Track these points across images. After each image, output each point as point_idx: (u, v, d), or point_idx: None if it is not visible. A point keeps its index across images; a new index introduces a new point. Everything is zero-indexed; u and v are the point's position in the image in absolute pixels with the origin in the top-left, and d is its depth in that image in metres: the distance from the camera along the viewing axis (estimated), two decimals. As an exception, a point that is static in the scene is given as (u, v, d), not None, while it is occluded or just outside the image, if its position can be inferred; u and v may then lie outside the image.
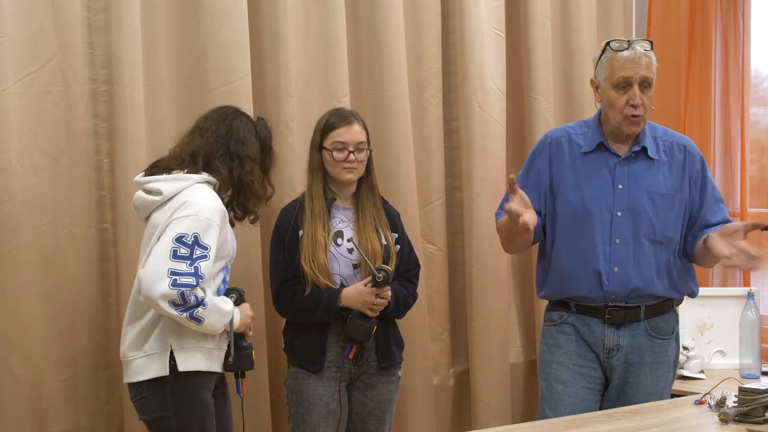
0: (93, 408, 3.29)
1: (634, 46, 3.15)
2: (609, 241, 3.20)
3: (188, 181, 2.90)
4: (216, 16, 3.41)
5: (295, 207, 3.30)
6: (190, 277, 2.74)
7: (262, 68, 3.60)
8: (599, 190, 3.22)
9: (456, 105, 4.14)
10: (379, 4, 3.82)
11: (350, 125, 3.28)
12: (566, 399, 3.26)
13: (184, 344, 2.87)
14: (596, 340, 3.25)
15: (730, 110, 4.54)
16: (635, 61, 3.13)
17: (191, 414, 2.87)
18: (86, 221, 3.26)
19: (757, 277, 4.46)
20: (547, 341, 3.36)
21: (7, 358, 3.09)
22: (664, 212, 3.22)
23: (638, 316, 3.23)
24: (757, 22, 4.50)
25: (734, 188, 4.52)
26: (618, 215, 3.20)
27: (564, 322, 3.30)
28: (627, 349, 3.23)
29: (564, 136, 3.32)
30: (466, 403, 4.20)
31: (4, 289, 3.08)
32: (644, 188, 3.21)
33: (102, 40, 3.26)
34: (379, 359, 3.30)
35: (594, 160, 3.25)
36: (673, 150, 3.27)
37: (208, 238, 2.80)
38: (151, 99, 3.35)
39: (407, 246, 3.43)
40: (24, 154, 3.12)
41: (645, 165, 3.23)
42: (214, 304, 2.82)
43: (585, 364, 3.27)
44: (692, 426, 2.77)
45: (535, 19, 4.27)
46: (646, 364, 3.24)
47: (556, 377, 3.29)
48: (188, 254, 2.75)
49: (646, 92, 3.16)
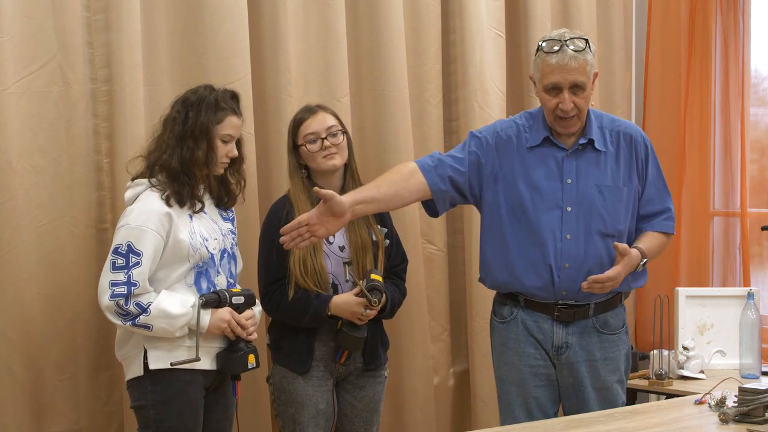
0: (93, 408, 3.29)
1: (564, 48, 3.05)
2: (560, 237, 3.14)
3: (141, 186, 2.98)
4: (216, 16, 3.41)
5: (284, 205, 3.27)
6: (123, 286, 2.84)
7: (262, 68, 3.60)
8: (548, 185, 3.16)
9: (456, 105, 4.14)
10: (379, 4, 3.82)
11: (316, 114, 3.27)
12: (521, 400, 3.21)
13: (157, 344, 2.93)
14: (545, 338, 3.20)
15: (730, 110, 4.53)
16: (564, 67, 3.05)
17: (170, 406, 2.94)
18: (86, 221, 3.26)
19: (757, 277, 4.47)
20: (497, 339, 3.29)
21: (7, 358, 3.09)
22: (613, 205, 3.17)
23: (587, 313, 3.19)
24: (757, 22, 4.50)
25: (734, 188, 4.52)
26: (568, 210, 3.15)
27: (513, 319, 3.23)
28: (576, 346, 3.19)
29: (512, 128, 3.24)
30: (466, 403, 4.20)
31: (4, 289, 3.08)
32: (593, 182, 3.16)
33: (102, 40, 3.26)
34: (366, 361, 3.30)
35: (541, 154, 3.19)
36: (620, 139, 3.21)
37: (142, 244, 2.87)
38: (151, 99, 3.35)
39: (395, 240, 3.41)
40: (24, 154, 3.12)
41: (593, 157, 3.18)
42: (160, 310, 2.87)
43: (536, 363, 3.21)
44: (692, 426, 2.77)
45: (535, 19, 4.27)
46: (598, 361, 3.20)
47: (509, 379, 3.24)
48: (124, 264, 2.86)
49: (579, 94, 3.08)
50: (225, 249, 3.09)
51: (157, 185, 2.97)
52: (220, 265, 3.06)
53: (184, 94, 3.06)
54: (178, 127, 2.99)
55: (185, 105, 3.02)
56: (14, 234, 3.09)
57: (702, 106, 4.57)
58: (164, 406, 2.94)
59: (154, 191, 2.96)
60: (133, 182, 3.02)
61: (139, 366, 2.95)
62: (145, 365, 2.93)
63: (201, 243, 2.99)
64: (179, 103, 3.05)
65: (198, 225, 3.01)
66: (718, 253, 4.53)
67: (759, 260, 4.53)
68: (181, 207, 2.97)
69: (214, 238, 3.05)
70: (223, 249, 3.08)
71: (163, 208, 2.92)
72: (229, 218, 3.17)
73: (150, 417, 2.95)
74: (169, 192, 2.96)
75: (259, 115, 3.58)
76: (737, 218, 4.48)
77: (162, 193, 2.95)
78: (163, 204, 2.93)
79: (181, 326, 2.92)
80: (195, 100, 3.02)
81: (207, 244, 3.01)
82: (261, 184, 3.59)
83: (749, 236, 4.40)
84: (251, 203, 3.46)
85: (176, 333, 2.92)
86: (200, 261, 2.99)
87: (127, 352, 3.00)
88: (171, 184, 2.97)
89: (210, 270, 3.03)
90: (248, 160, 3.34)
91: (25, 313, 3.12)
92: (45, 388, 3.17)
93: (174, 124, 3.01)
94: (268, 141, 3.61)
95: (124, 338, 3.01)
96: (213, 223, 3.08)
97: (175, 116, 3.02)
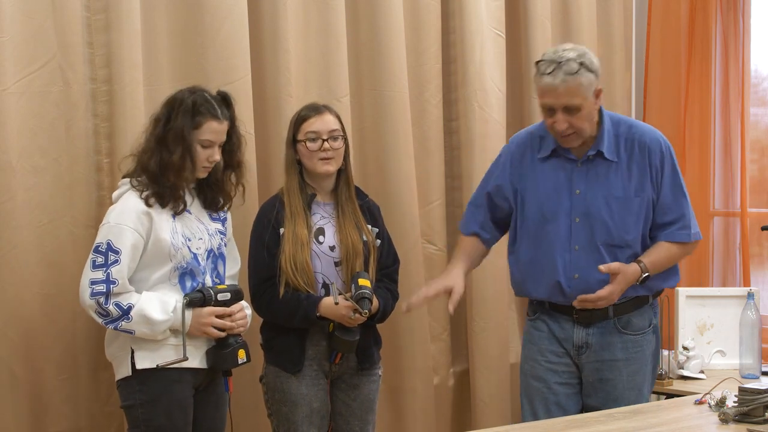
0: (93, 408, 3.29)
1: (557, 71, 3.04)
2: (569, 248, 3.19)
3: (125, 186, 2.99)
4: (216, 16, 3.41)
5: (275, 205, 3.26)
6: (102, 284, 2.85)
7: (262, 68, 3.60)
8: (557, 196, 3.21)
9: (456, 105, 4.14)
10: (379, 4, 3.82)
11: (321, 114, 3.26)
12: (540, 395, 3.29)
13: (143, 344, 2.94)
14: (567, 337, 3.26)
15: (730, 110, 4.53)
16: (555, 91, 3.06)
17: (158, 405, 2.94)
18: (86, 221, 3.25)
19: (757, 277, 4.47)
20: (525, 336, 3.40)
21: (7, 358, 3.09)
22: (621, 216, 3.18)
23: (607, 315, 3.22)
24: (757, 22, 4.49)
25: (734, 188, 4.51)
26: (576, 221, 3.19)
27: (538, 318, 3.32)
28: (596, 346, 3.23)
29: (526, 141, 3.31)
30: (466, 403, 4.20)
31: (4, 289, 3.08)
32: (601, 192, 3.18)
33: (102, 40, 3.26)
34: (360, 360, 3.29)
35: (552, 165, 3.24)
36: (634, 148, 3.21)
37: (120, 242, 2.87)
38: (151, 99, 3.34)
39: (387, 241, 3.40)
40: (24, 154, 3.12)
41: (603, 168, 3.20)
42: (141, 315, 2.87)
43: (558, 361, 3.27)
44: (692, 426, 2.77)
45: (535, 19, 4.27)
46: (620, 361, 3.23)
47: (532, 373, 3.32)
48: (104, 262, 2.87)
49: (574, 114, 3.09)
50: (211, 249, 3.08)
51: (137, 186, 2.97)
52: (206, 265, 3.05)
53: (174, 93, 3.04)
54: (159, 130, 2.98)
55: (169, 106, 3.00)
56: (14, 234, 3.09)
57: (702, 106, 4.57)
58: (152, 406, 2.94)
59: (134, 191, 2.96)
60: (120, 181, 3.03)
61: (127, 366, 2.95)
62: (133, 365, 2.94)
63: (183, 243, 2.97)
64: (167, 102, 3.03)
65: (180, 225, 3.00)
66: (718, 253, 4.53)
67: (759, 260, 4.53)
68: (163, 207, 2.96)
69: (198, 237, 3.03)
70: (209, 249, 3.06)
71: (142, 207, 2.92)
72: (219, 218, 3.15)
73: (138, 416, 2.95)
74: (149, 192, 2.95)
75: (259, 115, 3.58)
76: (737, 218, 4.48)
77: (141, 194, 2.95)
78: (142, 203, 2.93)
79: (163, 330, 2.92)
80: (176, 103, 2.99)
81: (189, 244, 2.99)
82: (261, 184, 3.58)
83: (749, 236, 4.40)
84: (251, 203, 3.45)
85: (158, 337, 2.93)
86: (183, 261, 2.98)
87: (115, 353, 3.01)
88: (151, 185, 2.96)
89: (194, 270, 3.01)
90: (248, 160, 3.33)
91: (25, 313, 3.12)
92: (45, 388, 3.17)
93: (155, 126, 2.99)
94: (268, 141, 3.61)
95: (111, 338, 3.02)
96: (199, 223, 3.06)
97: (159, 117, 3.00)
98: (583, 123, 3.12)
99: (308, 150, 3.23)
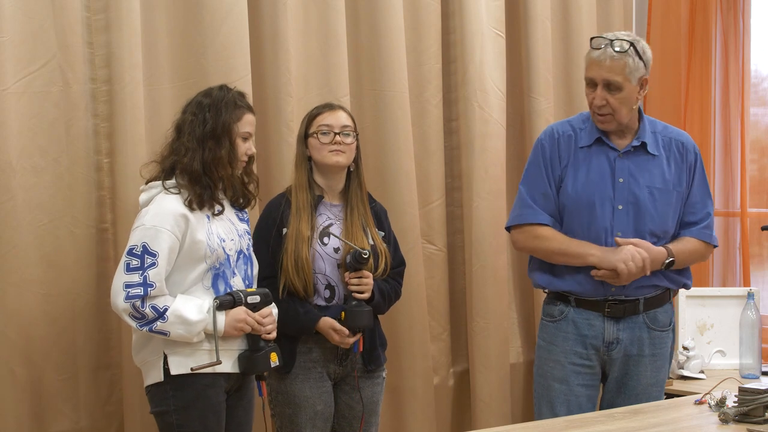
0: (93, 408, 3.29)
1: (608, 47, 3.15)
2: (611, 234, 3.23)
3: (155, 189, 2.96)
4: (216, 16, 3.41)
5: (281, 203, 3.25)
6: (139, 287, 2.81)
7: (262, 68, 3.60)
8: (600, 183, 3.25)
9: (456, 105, 4.14)
10: (379, 4, 3.82)
11: (334, 111, 3.27)
12: (562, 397, 3.30)
13: (176, 349, 2.90)
14: (596, 334, 3.28)
15: (730, 110, 4.54)
16: (599, 63, 3.16)
17: (192, 411, 2.90)
18: (86, 221, 3.25)
19: (757, 277, 4.47)
20: (544, 337, 3.39)
21: (7, 358, 3.08)
22: (663, 207, 3.26)
23: (637, 309, 3.27)
24: (757, 22, 4.50)
25: (734, 188, 4.52)
26: (619, 208, 3.23)
27: (563, 319, 3.32)
28: (626, 342, 3.28)
29: (567, 130, 3.35)
30: (466, 403, 4.20)
31: (4, 289, 3.08)
32: (644, 182, 3.25)
33: (102, 40, 3.26)
34: (365, 362, 3.29)
35: (594, 153, 3.29)
36: (671, 145, 3.32)
37: (157, 245, 2.84)
38: (151, 99, 3.35)
39: (393, 244, 3.40)
40: (24, 154, 3.12)
41: (645, 160, 3.27)
42: (177, 316, 2.84)
43: (582, 362, 3.30)
44: (692, 426, 2.77)
45: (535, 19, 4.27)
46: (646, 356, 3.29)
47: (553, 375, 3.33)
48: (139, 265, 2.83)
49: (613, 93, 3.17)
50: (241, 250, 3.07)
51: (173, 187, 2.94)
52: (236, 267, 3.04)
53: (196, 98, 3.04)
54: (198, 129, 2.96)
55: (201, 107, 2.99)
56: (14, 234, 3.09)
57: (702, 106, 4.57)
58: (186, 411, 2.90)
59: (169, 193, 2.93)
60: (147, 185, 2.99)
61: (159, 371, 2.90)
62: (166, 371, 2.89)
63: (218, 244, 2.96)
64: (193, 105, 3.01)
65: (216, 226, 2.98)
66: (718, 253, 4.53)
67: (759, 260, 4.54)
68: (201, 209, 2.95)
69: (231, 239, 3.02)
70: (239, 250, 3.05)
71: (179, 210, 2.90)
72: (244, 219, 3.15)
73: (173, 422, 2.91)
74: (190, 195, 2.93)
75: (259, 115, 3.55)
76: (737, 218, 4.49)
77: (180, 196, 2.93)
78: (179, 205, 2.91)
79: (199, 332, 2.88)
80: (211, 101, 2.99)
81: (224, 245, 2.98)
82: (261, 183, 3.57)
83: (749, 236, 4.41)
84: (251, 203, 3.45)
85: (194, 339, 2.89)
86: (217, 262, 2.96)
87: (146, 357, 2.95)
88: (192, 187, 2.94)
89: (226, 271, 3.00)
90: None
91: (25, 313, 3.11)
92: (45, 388, 3.17)
93: (192, 127, 2.97)
94: (268, 141, 3.61)
95: (141, 343, 2.96)
96: (230, 224, 3.05)
97: (191, 119, 2.98)
98: (620, 105, 3.19)
99: (320, 143, 3.22)
